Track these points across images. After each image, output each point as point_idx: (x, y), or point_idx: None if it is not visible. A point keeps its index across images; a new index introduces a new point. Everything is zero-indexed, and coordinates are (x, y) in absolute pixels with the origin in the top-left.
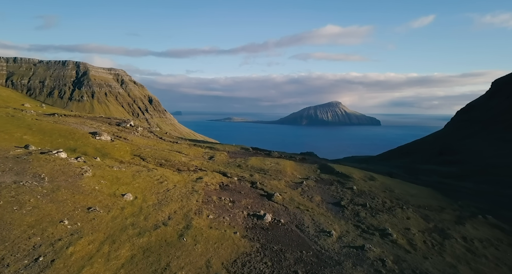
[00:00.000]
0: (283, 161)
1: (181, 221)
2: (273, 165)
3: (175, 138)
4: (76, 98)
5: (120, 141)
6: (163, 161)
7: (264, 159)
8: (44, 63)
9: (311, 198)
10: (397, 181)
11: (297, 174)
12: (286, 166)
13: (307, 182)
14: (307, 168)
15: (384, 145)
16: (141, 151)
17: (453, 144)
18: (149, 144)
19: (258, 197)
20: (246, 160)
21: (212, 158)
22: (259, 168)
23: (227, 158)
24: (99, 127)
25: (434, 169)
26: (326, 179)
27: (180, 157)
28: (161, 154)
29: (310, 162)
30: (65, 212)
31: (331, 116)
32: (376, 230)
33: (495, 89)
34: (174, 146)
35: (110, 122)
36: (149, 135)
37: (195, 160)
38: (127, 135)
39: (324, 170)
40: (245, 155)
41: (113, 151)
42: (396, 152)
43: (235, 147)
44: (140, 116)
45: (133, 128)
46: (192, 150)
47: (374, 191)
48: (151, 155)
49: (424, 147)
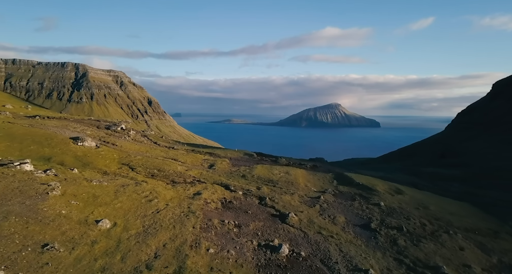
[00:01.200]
0: (293, 169)
1: (171, 261)
2: (282, 174)
3: (171, 142)
4: (75, 100)
5: (106, 147)
6: (155, 171)
7: (271, 167)
8: (43, 65)
9: (333, 218)
10: (427, 194)
11: (311, 186)
12: (298, 176)
13: (324, 196)
14: (322, 178)
15: (384, 146)
16: (131, 158)
17: (455, 146)
18: (141, 150)
19: (269, 218)
20: (251, 168)
21: (212, 167)
22: (267, 178)
23: (229, 166)
24: (84, 131)
25: (437, 172)
26: (346, 192)
27: (175, 166)
28: (154, 162)
29: (323, 171)
30: (4, 256)
31: (331, 118)
32: (427, 268)
33: (496, 91)
34: (169, 152)
35: (99, 125)
36: (142, 140)
37: (193, 169)
38: (116, 140)
39: (341, 180)
40: (249, 162)
41: (97, 159)
42: (397, 154)
43: (237, 152)
44: (140, 118)
45: (124, 132)
46: (190, 157)
47: (406, 208)
48: (142, 164)
49: (425, 149)
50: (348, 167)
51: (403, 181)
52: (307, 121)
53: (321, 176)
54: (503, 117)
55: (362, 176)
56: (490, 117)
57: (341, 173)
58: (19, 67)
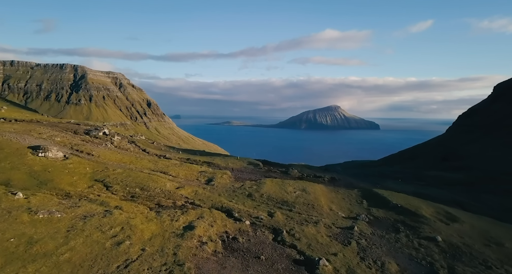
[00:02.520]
0: (311, 185)
1: None
2: (298, 192)
3: (163, 149)
4: (74, 102)
5: (78, 158)
6: (137, 189)
7: (283, 183)
8: (42, 67)
9: (381, 265)
10: (487, 220)
11: (337, 209)
12: (318, 194)
13: (358, 225)
14: (347, 196)
15: (384, 149)
16: (108, 173)
17: (457, 148)
18: (123, 161)
19: (290, 267)
20: (258, 183)
21: (210, 182)
22: (280, 199)
23: (231, 181)
24: (52, 137)
25: (441, 175)
26: (384, 218)
27: (164, 182)
28: (137, 177)
29: (345, 185)
30: None
31: (330, 120)
32: None
33: (497, 94)
34: (159, 162)
35: (77, 129)
36: (128, 147)
37: (186, 187)
38: (93, 148)
39: (372, 200)
40: (255, 174)
41: (60, 175)
42: (397, 157)
43: (240, 161)
44: (139, 120)
45: (106, 137)
46: (184, 169)
47: (473, 246)
48: (122, 180)
49: (426, 151)
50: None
51: (443, 198)
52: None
53: (345, 193)
54: (505, 120)
55: (395, 193)
56: (491, 120)
57: (368, 189)
58: (17, 69)
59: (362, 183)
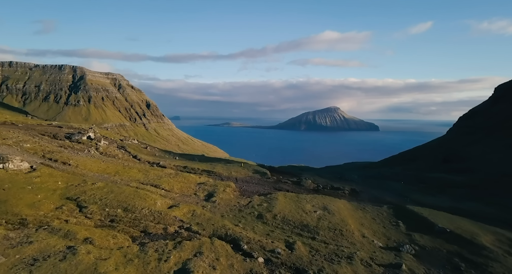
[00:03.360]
0: (332, 201)
1: None
2: (320, 212)
3: (158, 155)
4: (72, 103)
5: (50, 169)
6: (119, 210)
7: (298, 198)
8: (40, 68)
9: None
10: None
11: (371, 235)
12: (344, 215)
13: (405, 261)
14: (377, 215)
15: (384, 150)
16: (85, 188)
17: (458, 150)
18: (107, 171)
19: None
20: (269, 199)
21: (211, 197)
22: (299, 222)
23: (236, 196)
24: (20, 143)
25: (443, 178)
26: (433, 248)
27: (154, 199)
28: (122, 193)
29: (370, 199)
30: None
31: (330, 121)
32: None
33: (498, 95)
34: (150, 172)
35: (57, 133)
36: (116, 153)
37: (182, 205)
38: (71, 156)
39: (409, 220)
40: (262, 185)
41: (20, 193)
42: (398, 158)
43: (244, 169)
44: (138, 121)
45: (91, 142)
46: (179, 180)
47: None
48: (101, 197)
49: (427, 153)
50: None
51: (488, 215)
52: (306, 124)
53: (374, 211)
54: (507, 121)
55: (435, 212)
56: (493, 122)
57: (400, 205)
58: (16, 70)
59: (387, 195)
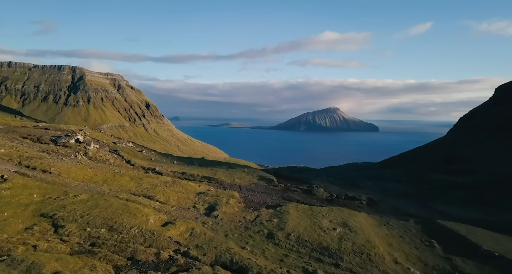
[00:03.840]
0: (351, 215)
1: None
2: (340, 230)
3: (154, 159)
4: (72, 104)
5: (25, 179)
6: (103, 230)
7: (313, 212)
8: (39, 68)
9: None
10: None
11: (403, 259)
12: (368, 233)
13: None
14: (404, 232)
15: (383, 151)
16: (65, 201)
17: (459, 151)
18: (95, 180)
19: None
20: (280, 214)
21: (213, 211)
22: (317, 243)
23: (241, 209)
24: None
25: (446, 179)
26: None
27: (146, 215)
28: (108, 207)
29: (391, 211)
30: None
31: (329, 122)
32: None
33: (499, 96)
34: (144, 180)
35: (42, 136)
36: (107, 158)
37: (179, 222)
38: (54, 162)
39: (444, 239)
40: (270, 194)
41: None
42: (398, 159)
43: (248, 175)
44: (137, 121)
45: (79, 146)
46: (176, 190)
47: None
48: (83, 214)
49: (427, 153)
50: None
51: None
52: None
53: (401, 227)
54: (508, 122)
55: (473, 228)
56: (494, 122)
57: (431, 221)
58: (15, 70)
59: (408, 205)
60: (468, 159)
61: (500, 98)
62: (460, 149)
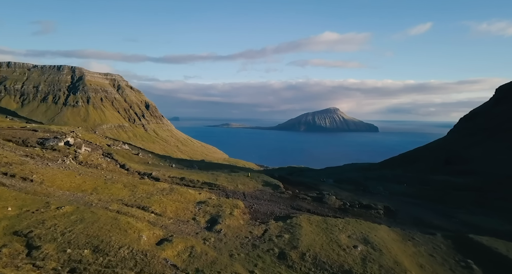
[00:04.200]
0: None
1: None
2: (361, 248)
3: (152, 162)
4: (71, 104)
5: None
6: (86, 251)
7: (327, 225)
8: (39, 68)
9: None
10: None
11: None
12: (394, 252)
13: None
14: (435, 250)
15: (383, 152)
16: (45, 215)
17: (460, 152)
18: (83, 188)
19: None
20: (291, 228)
21: (215, 224)
22: (337, 265)
23: (246, 222)
24: None
25: (448, 180)
26: None
27: (138, 230)
28: (95, 222)
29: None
30: None
31: (329, 122)
32: None
33: (500, 96)
34: (138, 188)
35: (28, 138)
36: (99, 162)
37: (176, 239)
38: (37, 168)
39: (484, 261)
40: (277, 203)
41: None
42: (398, 159)
43: (252, 180)
44: (137, 122)
45: (68, 150)
46: (174, 199)
47: None
48: (64, 231)
49: (428, 154)
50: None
51: None
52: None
53: (429, 243)
54: (508, 123)
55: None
56: (494, 123)
57: (462, 236)
58: (14, 70)
59: (429, 215)
60: (469, 159)
61: (501, 99)
62: (460, 149)
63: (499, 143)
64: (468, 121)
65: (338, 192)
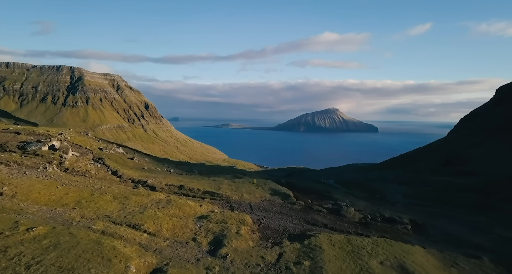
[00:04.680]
0: (406, 251)
1: None
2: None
3: (148, 167)
4: (70, 104)
5: None
6: None
7: (354, 249)
8: (38, 68)
9: None
10: None
11: None
12: None
13: None
14: None
15: (383, 152)
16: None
17: (460, 152)
18: (63, 202)
19: None
20: (310, 252)
21: (219, 248)
22: None
23: (256, 242)
24: None
25: (449, 181)
26: None
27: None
28: (71, 249)
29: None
30: None
31: (329, 123)
32: None
33: (500, 97)
34: (130, 200)
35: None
36: (88, 168)
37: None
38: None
39: None
40: (289, 216)
41: None
42: (398, 160)
43: (258, 188)
44: (136, 122)
45: (53, 155)
46: (171, 213)
47: None
48: (29, 262)
49: (428, 155)
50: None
51: None
52: (305, 126)
53: (476, 271)
54: (509, 123)
55: None
56: (495, 123)
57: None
58: (13, 71)
59: (462, 230)
60: (470, 160)
61: (501, 99)
62: (461, 150)
63: (499, 144)
64: (468, 122)
65: (354, 201)
